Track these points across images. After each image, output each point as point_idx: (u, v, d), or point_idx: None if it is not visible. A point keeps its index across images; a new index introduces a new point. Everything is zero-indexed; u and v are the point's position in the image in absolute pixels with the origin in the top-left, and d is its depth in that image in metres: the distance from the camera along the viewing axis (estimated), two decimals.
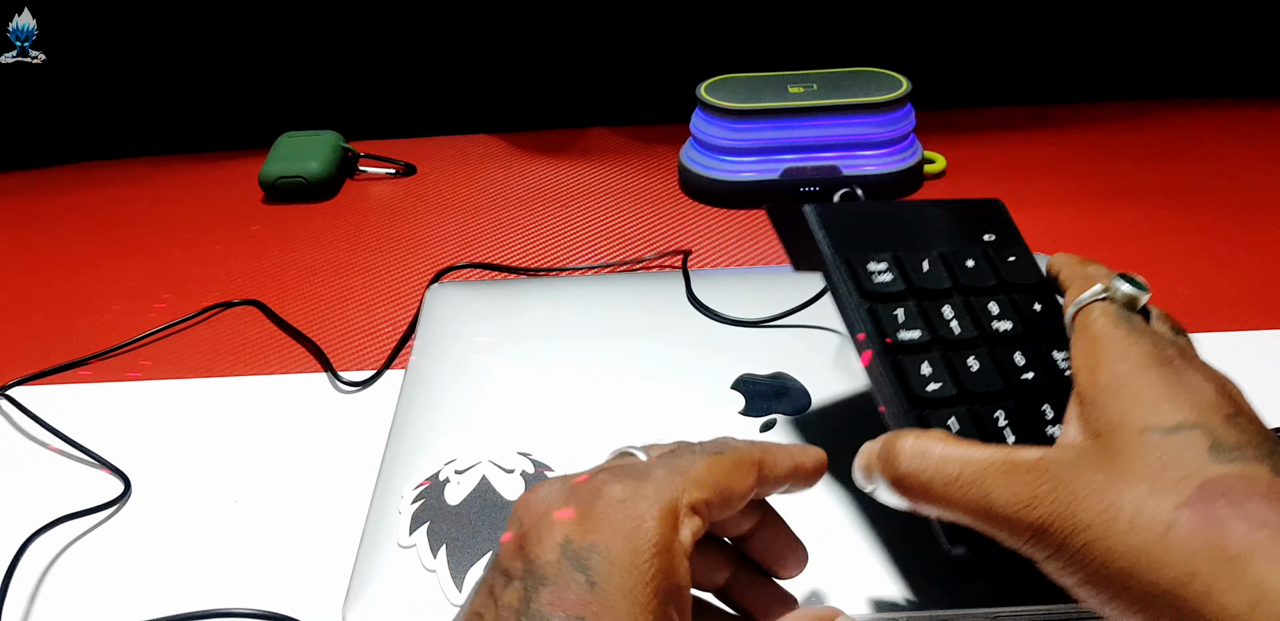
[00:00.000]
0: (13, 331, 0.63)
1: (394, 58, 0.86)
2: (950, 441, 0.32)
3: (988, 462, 0.30)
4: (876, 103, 0.70)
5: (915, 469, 0.31)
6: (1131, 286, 0.34)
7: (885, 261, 0.37)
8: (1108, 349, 0.32)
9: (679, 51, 0.85)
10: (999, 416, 0.35)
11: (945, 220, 0.40)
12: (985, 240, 0.40)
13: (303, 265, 0.68)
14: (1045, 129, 0.83)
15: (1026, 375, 0.36)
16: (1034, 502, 0.29)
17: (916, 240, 0.39)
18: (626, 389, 0.47)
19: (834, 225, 0.38)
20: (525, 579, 0.26)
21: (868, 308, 0.36)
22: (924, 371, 0.35)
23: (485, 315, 0.53)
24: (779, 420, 0.44)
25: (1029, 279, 0.39)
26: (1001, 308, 0.38)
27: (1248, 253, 0.65)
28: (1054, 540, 0.28)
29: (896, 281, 0.37)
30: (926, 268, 0.38)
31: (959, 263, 0.38)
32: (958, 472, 0.30)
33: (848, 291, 0.37)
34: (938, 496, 0.31)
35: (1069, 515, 0.28)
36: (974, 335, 0.37)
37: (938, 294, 0.37)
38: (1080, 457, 0.30)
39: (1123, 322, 0.33)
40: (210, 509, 0.46)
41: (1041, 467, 0.30)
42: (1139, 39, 0.86)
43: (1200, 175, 0.75)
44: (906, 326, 0.36)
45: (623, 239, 0.70)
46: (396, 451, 0.44)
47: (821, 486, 0.40)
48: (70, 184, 0.83)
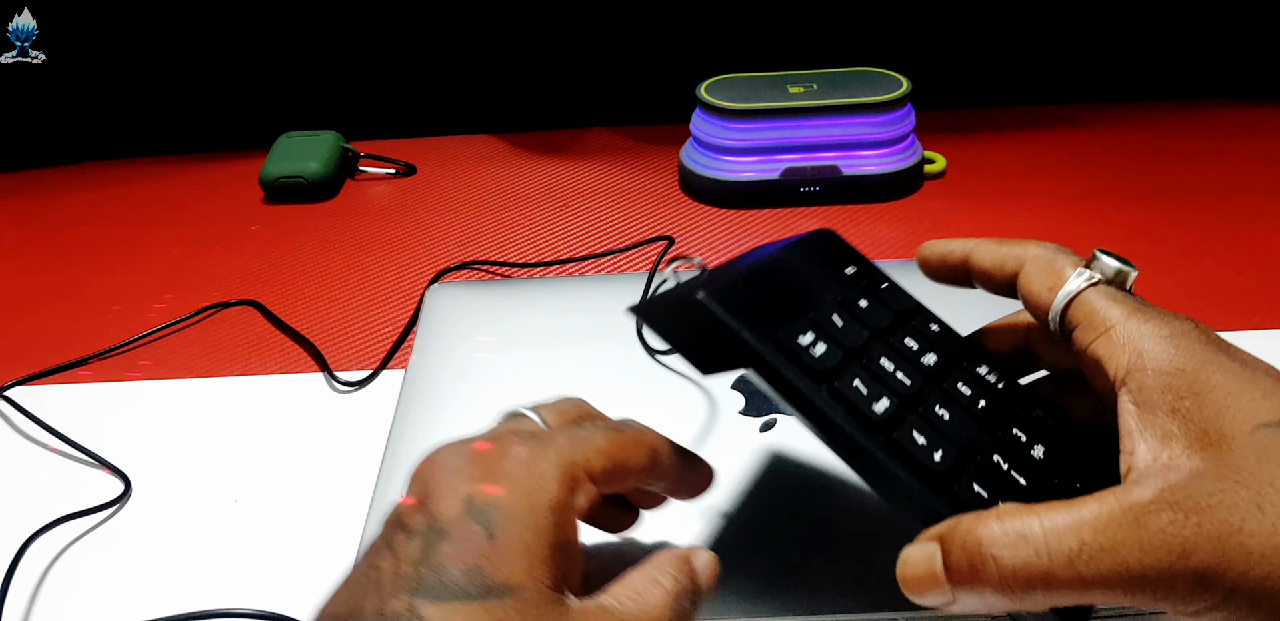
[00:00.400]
0: (13, 331, 0.63)
1: (394, 58, 0.86)
2: (1039, 512, 0.25)
3: (1106, 519, 0.24)
4: (876, 103, 0.70)
5: (1026, 559, 0.25)
6: (1119, 261, 0.31)
7: (811, 331, 0.32)
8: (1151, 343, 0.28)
9: (679, 51, 0.85)
10: (998, 460, 0.31)
11: (807, 265, 0.36)
12: (849, 274, 0.37)
13: (302, 265, 0.68)
14: (1045, 129, 0.83)
15: (980, 403, 0.33)
16: (1187, 546, 0.24)
17: (807, 296, 0.34)
18: (626, 389, 0.47)
19: (738, 308, 0.31)
20: (426, 533, 0.27)
21: (828, 388, 0.31)
22: (921, 442, 0.30)
23: (485, 315, 0.53)
24: (779, 420, 0.44)
25: (908, 303, 0.37)
26: (917, 341, 0.34)
27: (1247, 253, 0.65)
28: (1224, 583, 0.24)
29: (832, 350, 0.32)
30: (840, 323, 0.33)
31: (855, 307, 0.34)
32: (1077, 544, 0.24)
33: (795, 380, 0.30)
34: (1067, 582, 0.24)
35: (1236, 547, 0.23)
36: (921, 381, 0.33)
37: (865, 348, 0.33)
38: (1204, 477, 0.25)
39: (1143, 306, 0.29)
40: (210, 509, 0.46)
41: (1171, 502, 0.24)
42: (1139, 39, 0.86)
43: (1200, 175, 0.75)
44: (872, 397, 0.31)
45: (623, 239, 0.70)
46: (396, 451, 0.44)
47: (819, 487, 0.40)
48: (70, 184, 0.83)
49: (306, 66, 0.86)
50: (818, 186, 0.72)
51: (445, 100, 0.88)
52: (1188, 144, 0.80)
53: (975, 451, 0.31)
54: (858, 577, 0.37)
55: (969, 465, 0.30)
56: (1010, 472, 0.31)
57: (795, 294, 0.34)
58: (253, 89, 0.86)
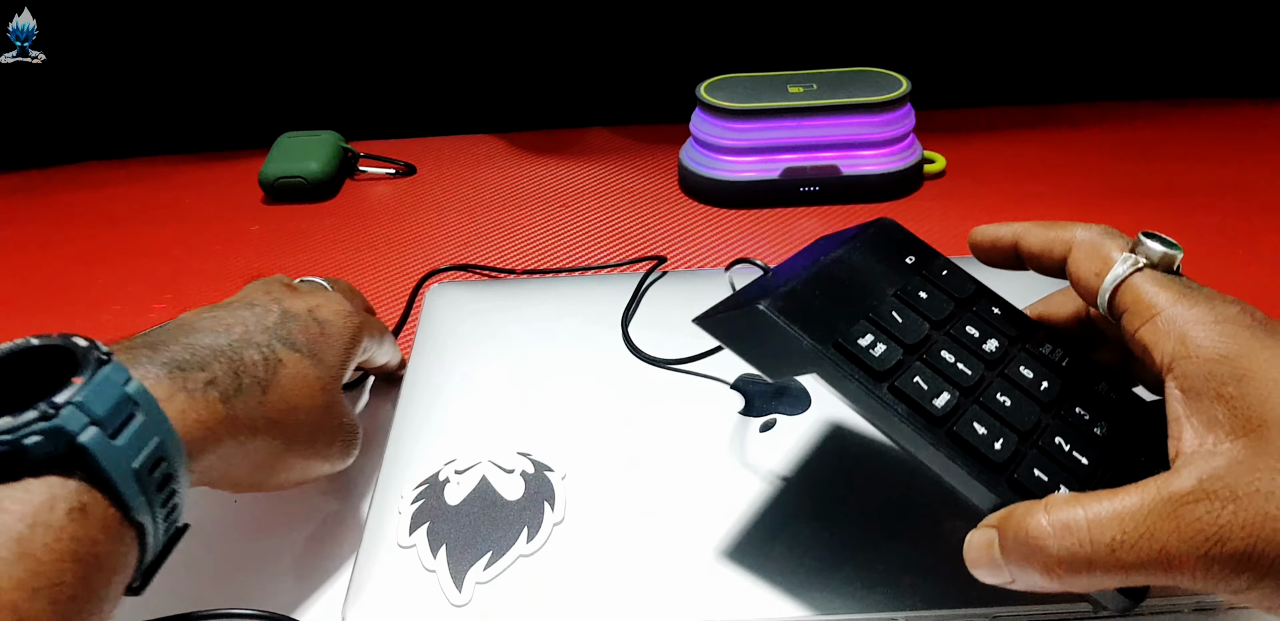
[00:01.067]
0: (13, 332, 0.63)
1: (394, 58, 0.86)
2: (1085, 502, 0.27)
3: (1146, 510, 0.26)
4: (876, 103, 0.70)
5: (1070, 548, 0.27)
6: (1164, 245, 0.31)
7: (869, 332, 0.33)
8: (1197, 328, 0.28)
9: (679, 51, 0.85)
10: (1060, 442, 0.32)
11: (866, 259, 0.37)
12: (909, 263, 0.37)
13: (303, 265, 0.68)
14: (1045, 129, 0.83)
15: (1043, 385, 0.34)
16: (1223, 534, 0.25)
17: (866, 293, 0.35)
18: (626, 388, 0.47)
19: (798, 315, 0.33)
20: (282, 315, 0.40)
21: (889, 387, 0.32)
22: (981, 432, 0.32)
23: (485, 315, 0.53)
24: (779, 420, 0.44)
25: (970, 288, 0.37)
26: (978, 327, 0.35)
27: (1247, 252, 0.65)
28: (1259, 567, 0.25)
29: (892, 348, 0.33)
30: (900, 319, 0.34)
31: (915, 298, 0.35)
32: (1119, 534, 0.26)
33: (858, 380, 0.32)
34: (1109, 567, 0.26)
35: (1271, 533, 0.25)
36: (982, 369, 0.34)
37: (927, 341, 0.34)
38: (1242, 465, 0.26)
39: (1190, 291, 0.30)
40: (210, 509, 0.46)
41: (1209, 492, 0.26)
42: (1139, 39, 0.86)
43: (1200, 175, 0.75)
44: (933, 392, 0.32)
45: (623, 239, 0.70)
46: (396, 451, 0.44)
47: (819, 487, 0.40)
48: (70, 184, 0.83)
49: (306, 66, 0.86)
50: (818, 186, 0.72)
51: (445, 100, 0.88)
52: (1188, 144, 0.80)
53: (1036, 435, 0.32)
54: (858, 577, 0.37)
55: (1029, 450, 0.32)
56: (1072, 453, 0.32)
57: (854, 292, 0.35)
58: (253, 89, 0.86)
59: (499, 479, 0.41)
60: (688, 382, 0.47)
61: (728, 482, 0.41)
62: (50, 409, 0.28)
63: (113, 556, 0.29)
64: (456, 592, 0.37)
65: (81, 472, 0.29)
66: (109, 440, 0.29)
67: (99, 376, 0.30)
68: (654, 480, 0.41)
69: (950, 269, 0.38)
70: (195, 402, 0.34)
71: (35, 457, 0.28)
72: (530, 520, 0.39)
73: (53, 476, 0.28)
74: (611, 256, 0.67)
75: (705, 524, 0.39)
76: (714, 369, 0.47)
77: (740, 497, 0.40)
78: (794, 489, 0.40)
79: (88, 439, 0.29)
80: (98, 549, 0.29)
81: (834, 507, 0.39)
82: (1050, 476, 0.31)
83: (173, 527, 0.33)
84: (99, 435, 0.29)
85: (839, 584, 0.36)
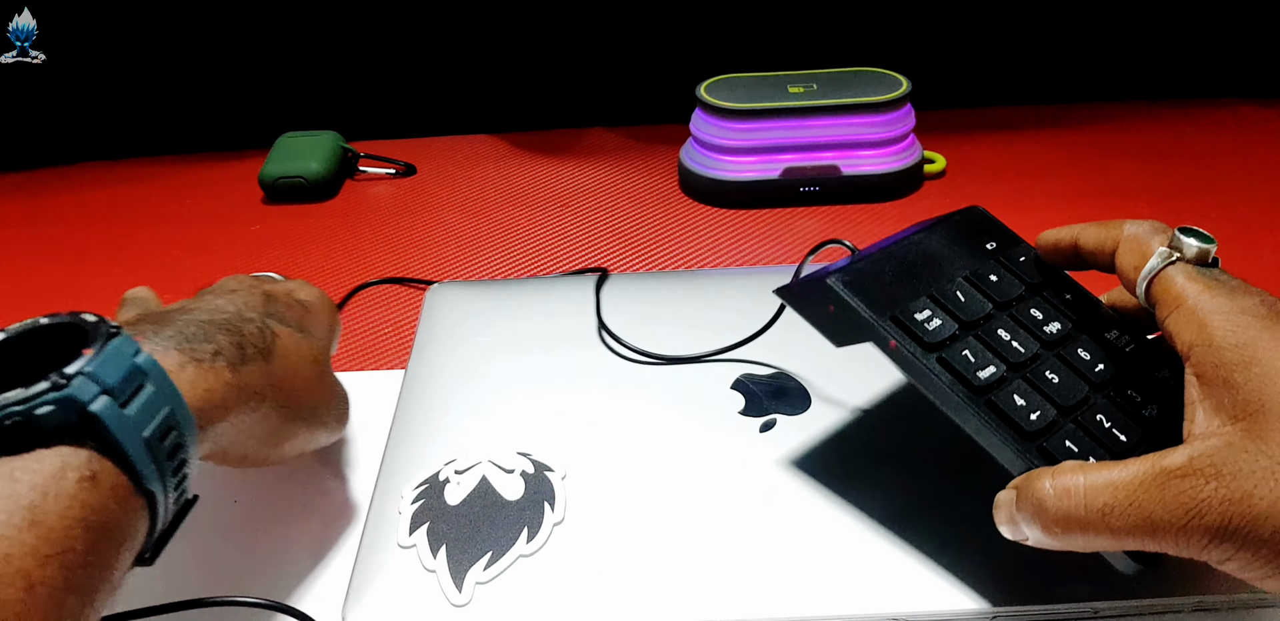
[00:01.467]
0: None
1: (394, 58, 0.86)
2: (1088, 470, 0.30)
3: (1138, 481, 0.29)
4: (876, 103, 0.70)
5: (1067, 509, 0.30)
6: (1198, 240, 0.33)
7: (928, 307, 0.37)
8: (1215, 318, 0.30)
9: (679, 51, 0.85)
10: (1100, 419, 0.35)
11: (945, 243, 0.40)
12: (989, 249, 0.40)
13: (303, 265, 0.68)
14: (1045, 129, 0.83)
15: (1099, 367, 0.36)
16: (1203, 508, 0.27)
17: (936, 273, 0.38)
18: (626, 388, 0.47)
19: (863, 289, 0.37)
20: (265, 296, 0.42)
21: (937, 358, 0.35)
22: (1020, 403, 0.35)
23: (485, 315, 0.53)
24: (779, 420, 0.44)
25: (1045, 273, 0.40)
26: (1043, 310, 0.38)
27: (1248, 252, 0.65)
28: (1235, 539, 0.27)
29: (947, 323, 0.36)
30: (963, 298, 0.37)
31: (985, 281, 0.38)
32: (1111, 500, 0.29)
33: (909, 350, 0.35)
34: (1100, 530, 0.29)
35: (1245, 509, 0.27)
36: (1037, 348, 0.36)
37: (986, 319, 0.37)
38: (1231, 447, 0.28)
39: (1215, 283, 0.31)
40: (210, 509, 0.46)
41: (1196, 469, 0.28)
42: (1139, 39, 0.86)
43: (1200, 175, 0.75)
44: (979, 365, 0.35)
45: (623, 239, 0.70)
46: (396, 451, 0.44)
47: (820, 487, 0.40)
48: (70, 184, 0.83)
49: (306, 66, 0.86)
50: (818, 186, 0.72)
51: (445, 100, 0.88)
52: (1188, 144, 0.80)
53: (1079, 411, 0.35)
54: (858, 577, 0.37)
55: (1067, 424, 0.34)
56: (1112, 430, 0.35)
57: (925, 271, 0.38)
58: (253, 89, 0.86)
59: (499, 479, 0.41)
60: (688, 383, 0.47)
61: (728, 482, 0.41)
62: (62, 379, 0.29)
63: (124, 524, 0.30)
64: (456, 592, 0.37)
65: (93, 442, 0.29)
66: (120, 409, 0.29)
67: (109, 347, 0.30)
68: (654, 480, 0.41)
69: (1029, 256, 0.40)
70: (204, 372, 0.34)
71: (46, 427, 0.28)
72: (530, 520, 0.39)
73: (64, 446, 0.29)
74: (611, 256, 0.67)
75: (705, 524, 0.39)
76: (714, 367, 0.47)
77: (740, 497, 0.40)
78: (793, 489, 0.40)
79: (99, 407, 0.29)
80: (109, 517, 0.29)
81: (833, 507, 0.39)
82: (1081, 448, 0.34)
83: (183, 498, 0.34)
84: (110, 404, 0.29)
85: (839, 584, 0.36)
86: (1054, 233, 0.38)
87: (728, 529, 0.39)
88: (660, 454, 0.42)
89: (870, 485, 0.40)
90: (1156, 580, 0.35)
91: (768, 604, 0.36)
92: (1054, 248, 0.38)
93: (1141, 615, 0.36)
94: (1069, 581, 0.36)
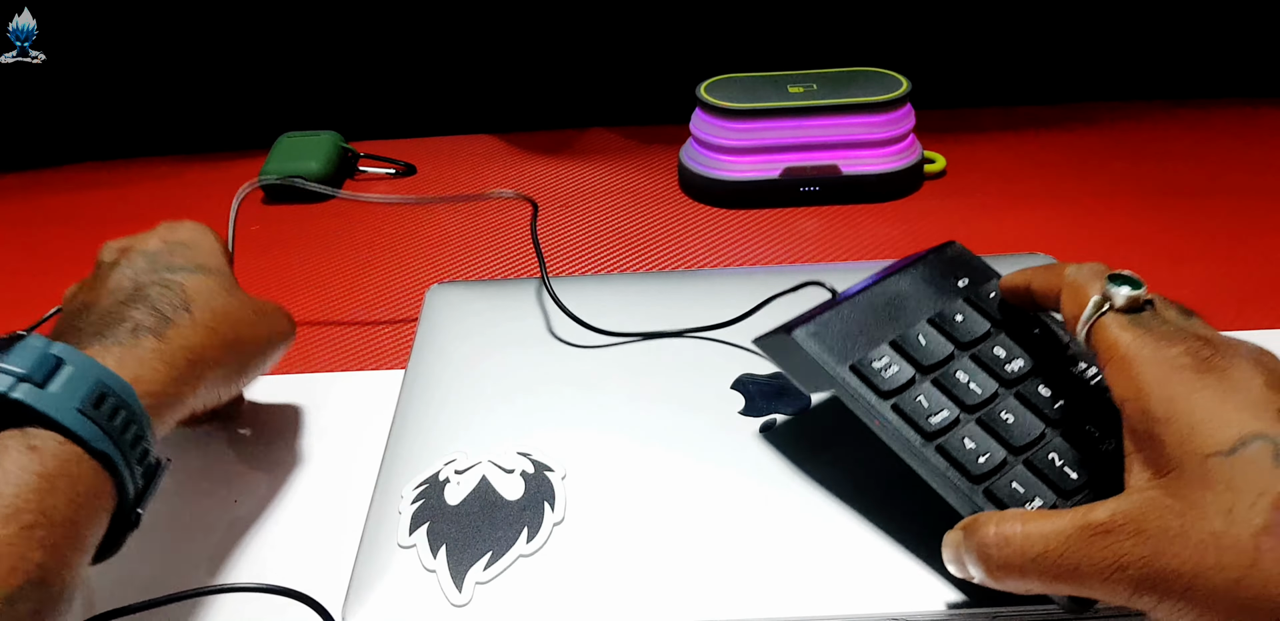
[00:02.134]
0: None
1: (394, 58, 0.86)
2: (1027, 520, 0.31)
3: (1066, 535, 0.30)
4: (876, 102, 0.70)
5: (1006, 557, 0.31)
6: (1129, 287, 0.33)
7: (886, 355, 0.38)
8: (1144, 370, 0.31)
9: (679, 51, 0.85)
10: (1053, 458, 0.36)
11: (918, 284, 0.41)
12: (960, 286, 0.41)
13: (303, 265, 0.68)
14: (1045, 129, 0.83)
15: (1058, 403, 0.37)
16: (1124, 562, 0.29)
17: (902, 317, 0.39)
18: (626, 388, 0.47)
19: (825, 340, 0.38)
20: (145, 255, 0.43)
21: (891, 405, 0.37)
22: (969, 447, 0.36)
23: (485, 315, 0.53)
24: (779, 420, 0.44)
25: (1011, 309, 0.40)
26: (1006, 348, 0.39)
27: (1248, 253, 0.65)
28: (1154, 593, 0.28)
29: (904, 370, 0.37)
30: (924, 342, 0.38)
31: (949, 322, 0.39)
32: (1043, 550, 0.30)
33: (866, 399, 0.37)
34: (1035, 577, 0.31)
35: (1160, 568, 0.28)
36: (995, 387, 0.37)
37: (945, 362, 0.38)
38: (1152, 504, 0.29)
39: (1144, 334, 0.32)
40: (210, 509, 0.46)
41: (1118, 525, 0.29)
42: (1139, 39, 0.86)
43: (1200, 175, 0.75)
44: (932, 410, 0.36)
45: (623, 239, 0.70)
46: (396, 451, 0.44)
47: (820, 487, 0.40)
48: (70, 184, 0.83)
49: (306, 66, 0.86)
50: (818, 186, 0.72)
51: (445, 100, 0.88)
52: (1188, 144, 0.80)
53: (1032, 449, 0.36)
54: (858, 577, 0.37)
55: (1017, 464, 0.36)
56: (1063, 468, 0.36)
57: (892, 315, 0.39)
58: (253, 89, 0.86)
59: (499, 479, 0.41)
60: (688, 383, 0.47)
61: (727, 482, 0.41)
62: None
63: (80, 486, 0.33)
64: (456, 592, 0.37)
65: (28, 422, 0.33)
66: (40, 389, 0.33)
67: (18, 345, 0.34)
68: (654, 480, 0.41)
69: (999, 292, 0.41)
70: (128, 349, 0.38)
71: None
72: (530, 520, 0.39)
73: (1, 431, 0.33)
74: (611, 256, 0.67)
75: (705, 524, 0.39)
76: (714, 368, 0.47)
77: (740, 497, 0.40)
78: (793, 488, 0.40)
79: (20, 394, 0.33)
80: (62, 481, 0.32)
81: (833, 507, 0.39)
82: (1027, 489, 0.35)
83: (147, 459, 0.36)
84: (30, 388, 0.33)
85: (839, 584, 0.36)
86: (1010, 277, 0.39)
87: (728, 529, 0.39)
88: (660, 454, 0.42)
89: (870, 485, 0.40)
90: None
91: (768, 604, 0.36)
92: (1012, 292, 0.39)
93: (1142, 615, 0.36)
94: None
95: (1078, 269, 0.36)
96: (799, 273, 0.51)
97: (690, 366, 0.48)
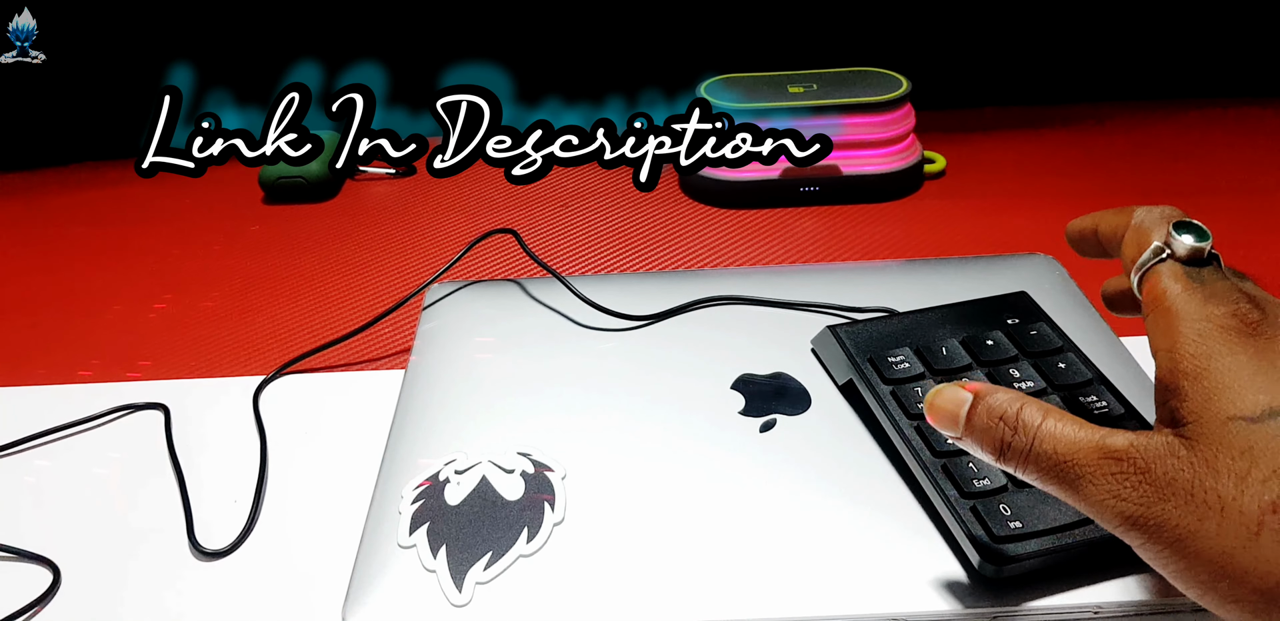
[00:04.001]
0: (15, 332, 0.63)
1: (394, 58, 0.86)
2: (1051, 416, 0.31)
3: (1080, 446, 0.29)
4: (876, 103, 0.70)
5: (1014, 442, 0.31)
6: (1193, 237, 0.32)
7: (903, 354, 0.41)
8: (1184, 325, 0.30)
9: (679, 51, 0.85)
10: None
11: (967, 314, 0.44)
12: (1006, 322, 0.43)
13: (302, 265, 0.68)
14: (1045, 129, 0.83)
15: None
16: (1122, 495, 0.28)
17: (939, 333, 0.43)
18: (626, 388, 0.47)
19: (857, 338, 0.43)
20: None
21: (891, 391, 0.40)
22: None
23: (485, 315, 0.53)
24: (779, 420, 0.44)
25: (1052, 345, 0.41)
26: (1022, 371, 0.40)
27: (1248, 253, 0.65)
28: (1143, 533, 0.28)
29: (915, 366, 0.41)
30: (945, 352, 0.41)
31: (978, 343, 0.42)
32: (1052, 449, 0.30)
33: (871, 384, 0.40)
34: (1034, 470, 0.30)
35: (1158, 512, 0.28)
36: None
37: (958, 371, 0.40)
38: (1165, 450, 0.28)
39: (1195, 288, 0.31)
40: (210, 509, 0.46)
41: (1129, 457, 0.29)
42: (1139, 39, 0.86)
43: (1200, 175, 0.75)
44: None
45: (623, 239, 0.70)
46: (396, 451, 0.44)
47: (820, 487, 0.40)
48: (70, 184, 0.83)
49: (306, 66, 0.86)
50: (818, 186, 0.72)
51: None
52: (1188, 144, 0.80)
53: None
54: (858, 577, 0.37)
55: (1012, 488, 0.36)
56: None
57: (928, 332, 0.43)
58: (252, 89, 0.86)
59: (499, 479, 0.41)
60: (688, 383, 0.47)
61: (728, 482, 0.41)
62: None
63: None
64: (456, 592, 0.37)
65: None
66: None
67: None
68: (654, 480, 0.41)
69: (1043, 331, 0.43)
70: None
71: None
72: (530, 520, 0.39)
73: None
74: (611, 256, 0.67)
75: (705, 524, 0.39)
76: (713, 367, 0.47)
77: (740, 497, 0.40)
78: (793, 488, 0.40)
79: None
80: None
81: (834, 508, 0.39)
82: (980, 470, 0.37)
83: None
84: None
85: (839, 584, 0.36)
86: (1078, 221, 0.38)
87: (728, 529, 0.39)
88: (660, 454, 0.42)
89: (871, 485, 0.40)
90: (1158, 580, 0.35)
91: (768, 604, 0.36)
92: (1079, 236, 0.38)
93: (1142, 615, 0.36)
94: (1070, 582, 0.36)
95: (1147, 212, 0.34)
96: (799, 272, 0.51)
97: (691, 366, 0.48)
